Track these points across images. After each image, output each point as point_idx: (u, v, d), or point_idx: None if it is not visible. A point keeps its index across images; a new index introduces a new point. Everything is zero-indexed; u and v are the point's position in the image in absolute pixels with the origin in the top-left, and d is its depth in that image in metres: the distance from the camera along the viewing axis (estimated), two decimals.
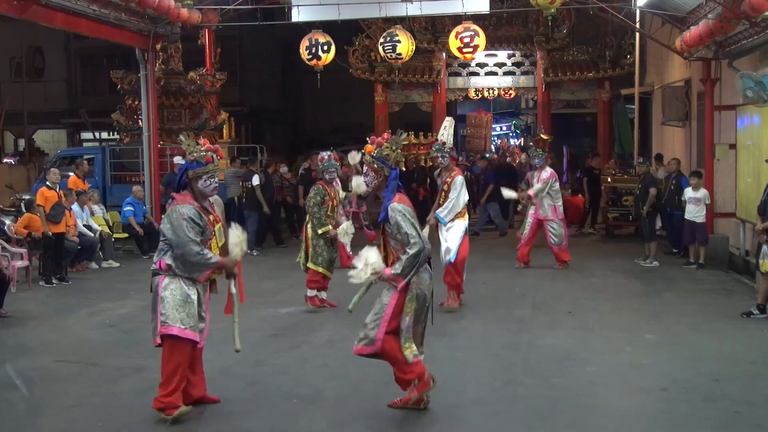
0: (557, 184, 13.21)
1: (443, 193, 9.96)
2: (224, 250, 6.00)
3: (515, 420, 6.01)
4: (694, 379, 6.97)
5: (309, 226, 9.94)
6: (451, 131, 10.93)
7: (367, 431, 5.57)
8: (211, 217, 5.97)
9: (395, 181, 6.04)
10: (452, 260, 9.72)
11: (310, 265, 9.87)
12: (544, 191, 12.98)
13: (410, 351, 5.83)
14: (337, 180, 10.52)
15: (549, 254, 13.25)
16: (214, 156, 5.98)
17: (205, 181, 5.92)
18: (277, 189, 17.25)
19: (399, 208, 5.84)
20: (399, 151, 6.19)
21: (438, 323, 9.12)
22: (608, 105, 22.30)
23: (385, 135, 6.25)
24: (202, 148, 5.96)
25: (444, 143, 10.26)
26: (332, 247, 10.01)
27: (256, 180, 15.80)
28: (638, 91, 20.13)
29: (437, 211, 9.89)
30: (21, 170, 25.28)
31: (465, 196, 9.97)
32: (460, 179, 9.92)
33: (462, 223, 9.88)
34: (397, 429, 5.82)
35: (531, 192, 13.19)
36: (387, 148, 6.15)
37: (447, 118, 11.05)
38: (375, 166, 6.14)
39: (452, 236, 9.76)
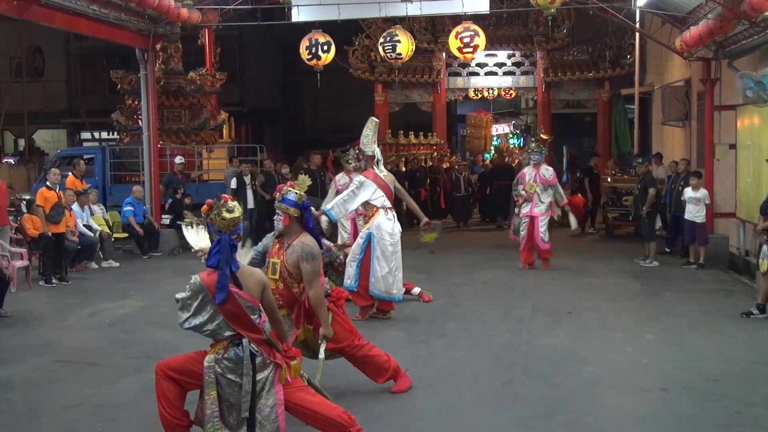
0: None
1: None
2: None
3: (515, 420, 6.01)
4: (693, 379, 6.97)
5: None
6: (375, 131, 9.68)
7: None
8: None
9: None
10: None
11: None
12: (558, 189, 12.95)
13: None
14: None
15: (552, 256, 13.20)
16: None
17: None
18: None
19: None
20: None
21: (438, 323, 9.20)
22: (608, 105, 22.33)
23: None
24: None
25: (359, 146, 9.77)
26: None
27: (233, 184, 15.94)
28: (638, 91, 20.15)
29: None
30: (21, 170, 25.29)
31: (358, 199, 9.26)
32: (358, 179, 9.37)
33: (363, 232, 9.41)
34: (396, 430, 5.82)
35: (564, 202, 13.20)
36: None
37: (371, 118, 9.78)
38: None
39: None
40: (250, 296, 4.93)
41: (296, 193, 5.93)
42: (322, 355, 6.10)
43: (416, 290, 10.45)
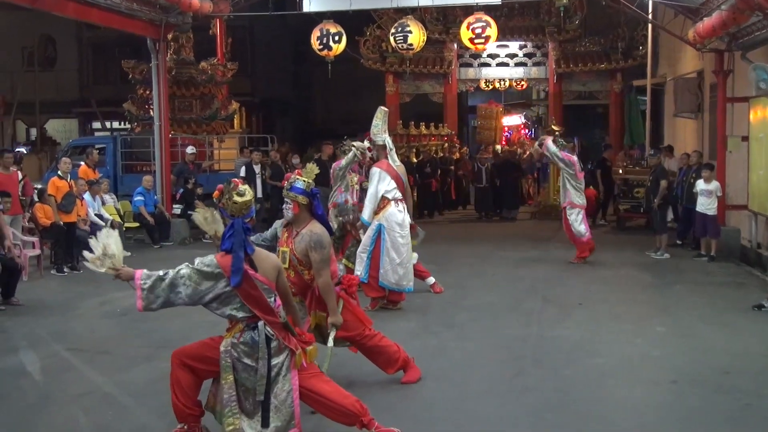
0: (573, 170, 12.70)
1: None
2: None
3: (524, 411, 6.01)
4: (704, 371, 6.95)
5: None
6: (385, 120, 9.49)
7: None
8: None
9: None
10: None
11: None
12: (556, 158, 12.64)
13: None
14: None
15: (561, 247, 13.18)
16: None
17: None
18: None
19: None
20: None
21: (448, 315, 9.20)
22: (620, 96, 22.23)
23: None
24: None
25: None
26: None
27: (242, 172, 15.84)
28: (650, 83, 20.04)
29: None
30: (33, 159, 25.39)
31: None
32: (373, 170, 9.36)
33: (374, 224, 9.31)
34: (406, 421, 5.82)
35: (542, 148, 12.90)
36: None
37: (380, 107, 9.61)
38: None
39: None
40: (266, 279, 4.95)
41: (304, 180, 5.94)
42: (330, 343, 6.11)
43: (430, 280, 10.43)
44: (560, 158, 12.57)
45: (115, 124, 31.08)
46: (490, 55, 22.56)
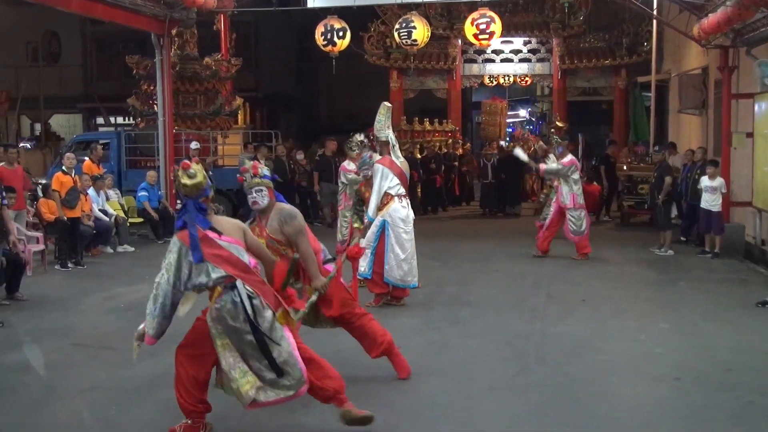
0: (577, 174, 12.77)
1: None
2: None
3: (527, 408, 6.01)
4: (707, 368, 6.95)
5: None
6: (388, 116, 9.31)
7: (377, 418, 5.58)
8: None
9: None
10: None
11: None
12: (558, 174, 12.72)
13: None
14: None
15: (566, 243, 13.17)
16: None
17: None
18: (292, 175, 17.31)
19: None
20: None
21: (451, 311, 9.20)
22: (624, 92, 22.19)
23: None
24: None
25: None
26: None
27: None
28: (655, 79, 19.97)
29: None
30: (37, 155, 25.41)
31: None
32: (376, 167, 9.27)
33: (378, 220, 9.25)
34: (408, 417, 5.83)
35: (543, 167, 13.00)
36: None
37: (383, 103, 9.39)
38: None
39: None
40: (233, 239, 5.06)
41: (266, 167, 6.18)
42: (305, 308, 6.04)
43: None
44: (564, 170, 12.60)
45: (119, 120, 31.09)
46: (494, 51, 22.55)
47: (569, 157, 12.87)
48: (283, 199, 6.29)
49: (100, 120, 32.89)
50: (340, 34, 16.15)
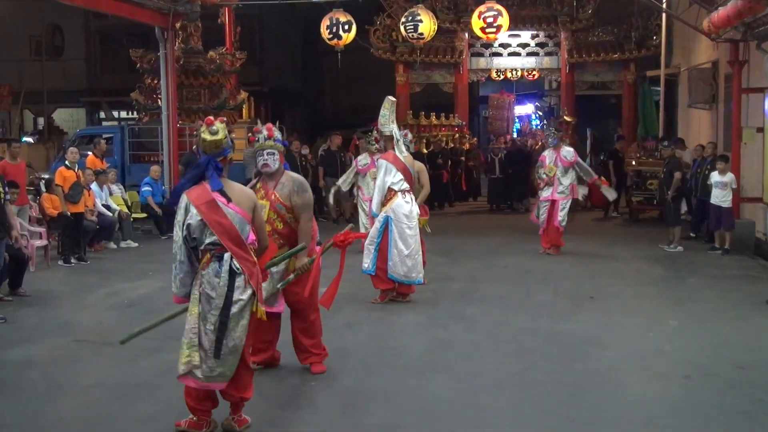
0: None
1: None
2: None
3: (534, 405, 5.93)
4: (717, 366, 6.86)
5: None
6: (392, 110, 9.18)
7: (382, 415, 5.50)
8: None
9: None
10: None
11: None
12: (578, 167, 12.72)
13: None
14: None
15: (573, 239, 13.07)
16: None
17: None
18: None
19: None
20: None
21: (457, 307, 9.12)
22: (633, 87, 22.04)
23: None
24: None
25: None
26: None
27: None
28: (664, 73, 19.85)
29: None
30: (40, 149, 25.42)
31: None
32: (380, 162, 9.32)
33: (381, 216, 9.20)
34: (415, 413, 5.76)
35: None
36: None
37: (387, 97, 9.23)
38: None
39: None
40: (241, 210, 5.08)
41: (278, 132, 6.29)
42: (280, 286, 6.15)
43: None
44: (579, 164, 12.70)
45: (123, 114, 31.07)
46: (501, 45, 22.41)
47: (571, 150, 12.80)
48: (289, 168, 6.39)
49: (103, 114, 32.87)
50: (346, 27, 16.09)
